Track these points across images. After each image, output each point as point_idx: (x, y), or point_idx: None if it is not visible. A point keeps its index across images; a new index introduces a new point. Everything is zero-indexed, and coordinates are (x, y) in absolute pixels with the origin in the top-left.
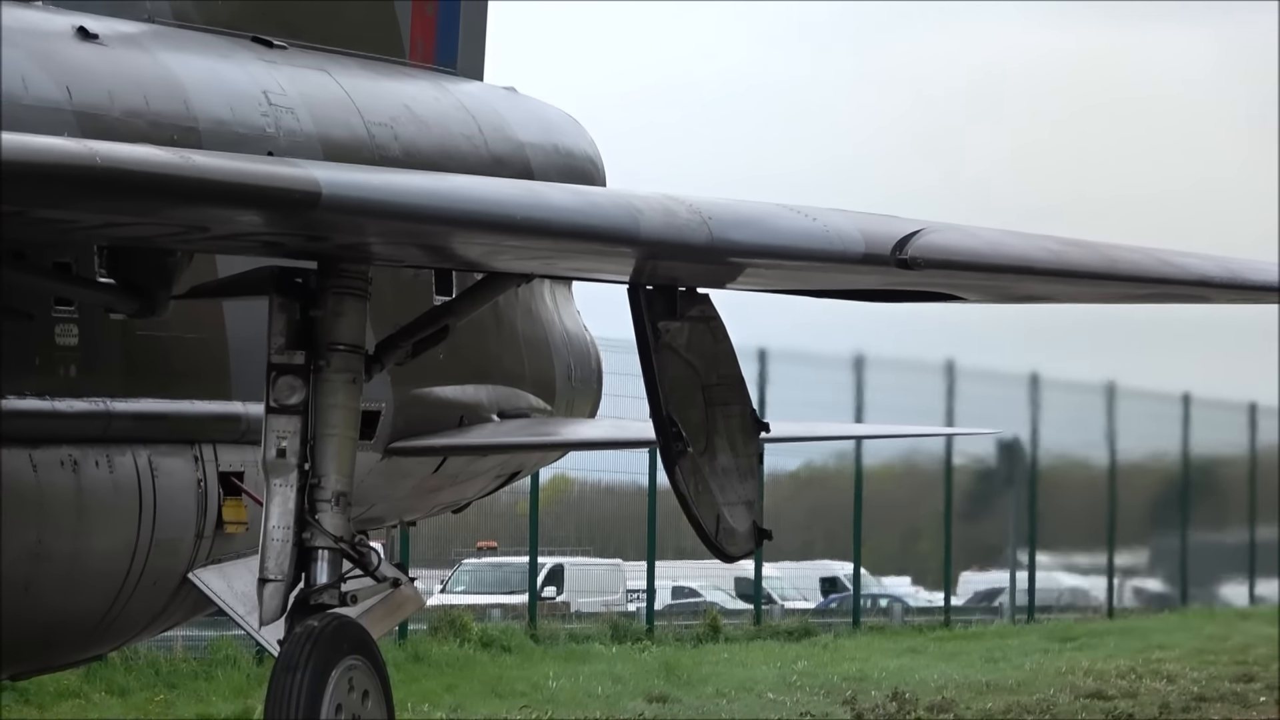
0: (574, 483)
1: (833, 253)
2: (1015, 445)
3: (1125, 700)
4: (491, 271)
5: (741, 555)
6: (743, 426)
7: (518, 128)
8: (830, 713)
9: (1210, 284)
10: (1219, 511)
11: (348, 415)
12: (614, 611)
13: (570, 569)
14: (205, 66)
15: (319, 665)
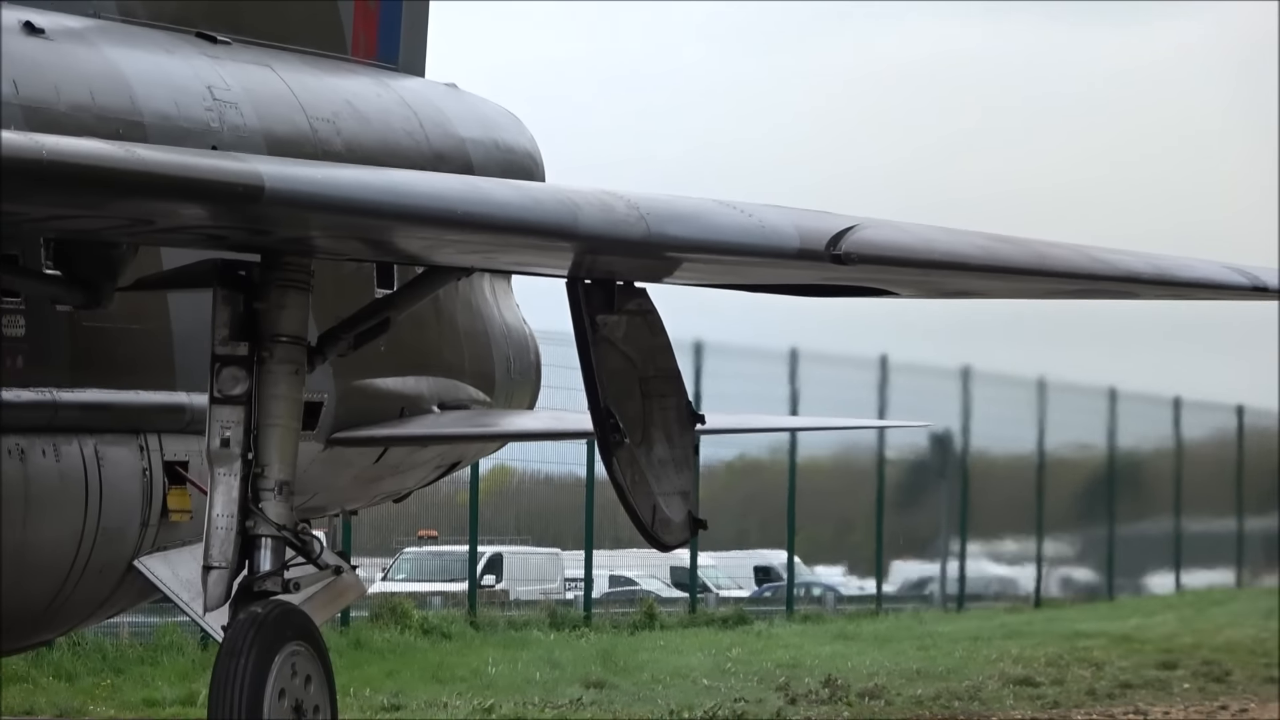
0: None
1: (768, 248)
2: (946, 438)
3: (1053, 687)
4: (432, 265)
5: (677, 544)
6: (678, 418)
7: (459, 124)
8: (764, 699)
9: (1139, 280)
10: (1145, 503)
11: (290, 406)
12: (552, 599)
13: (509, 558)
14: (150, 61)
15: (263, 651)
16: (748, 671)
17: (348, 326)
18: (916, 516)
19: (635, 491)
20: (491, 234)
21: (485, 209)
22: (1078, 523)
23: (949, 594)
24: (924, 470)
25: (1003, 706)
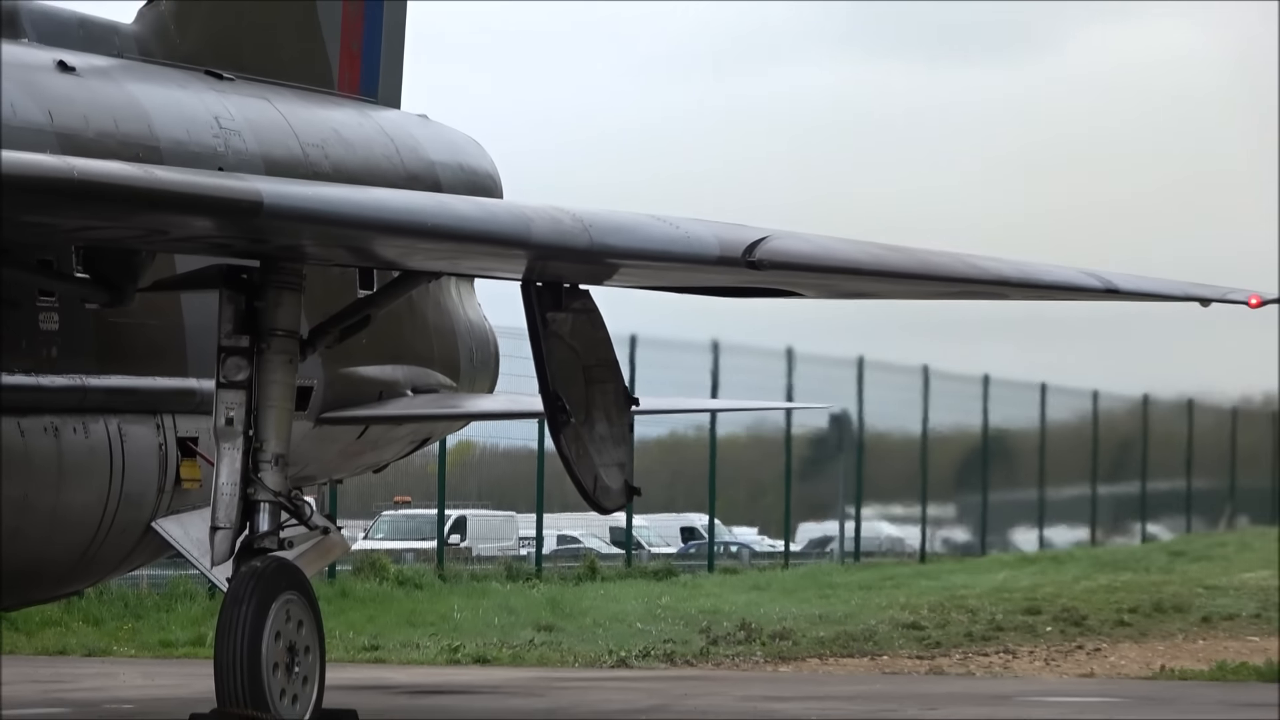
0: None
1: (692, 255)
2: (844, 418)
3: (936, 630)
4: (406, 269)
5: (615, 509)
6: (616, 401)
7: (429, 149)
8: (689, 640)
9: (1007, 283)
10: (1013, 474)
11: (285, 390)
12: (508, 555)
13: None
14: (165, 95)
15: (261, 599)
16: (675, 617)
17: (334, 322)
18: (819, 485)
19: (579, 463)
20: (456, 243)
21: (451, 221)
22: (956, 490)
23: (847, 551)
24: (825, 445)
25: (893, 647)
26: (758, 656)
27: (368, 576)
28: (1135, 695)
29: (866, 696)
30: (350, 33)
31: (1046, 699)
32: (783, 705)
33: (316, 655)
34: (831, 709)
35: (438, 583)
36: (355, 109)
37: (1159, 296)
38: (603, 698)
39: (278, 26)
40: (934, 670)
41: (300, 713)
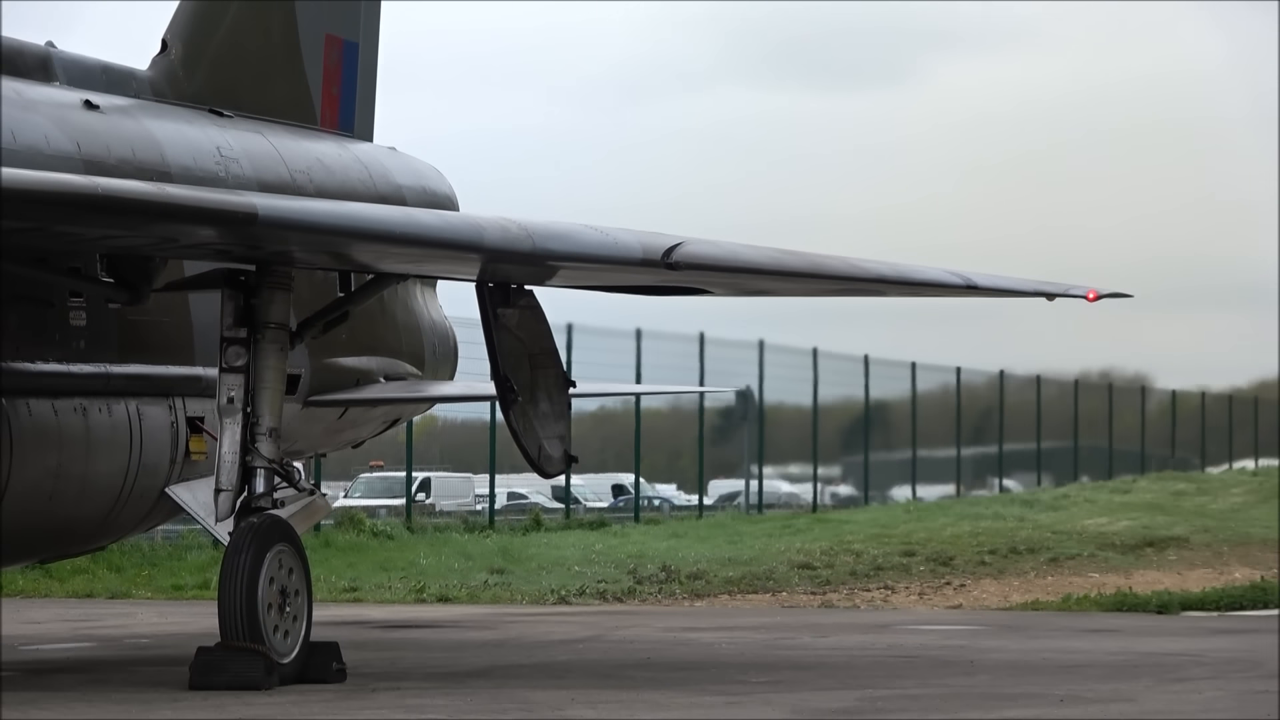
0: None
1: (619, 258)
2: (748, 393)
3: (826, 570)
4: (378, 272)
5: (557, 473)
6: (556, 383)
7: (397, 175)
8: (619, 580)
9: (885, 281)
10: (890, 438)
11: (278, 374)
12: (466, 511)
13: (435, 480)
14: (175, 129)
15: (258, 550)
16: (607, 561)
17: (318, 317)
18: (727, 449)
19: (526, 435)
20: (420, 248)
21: (415, 230)
22: (842, 453)
23: (751, 504)
24: (732, 416)
25: (790, 585)
26: (677, 594)
27: (347, 529)
28: (995, 623)
29: (768, 627)
30: (330, 78)
31: (920, 627)
32: (698, 635)
33: (305, 597)
34: (739, 637)
35: (406, 534)
36: (335, 142)
37: (1012, 292)
38: (546, 630)
39: (270, 72)
40: (825, 604)
41: (291, 645)
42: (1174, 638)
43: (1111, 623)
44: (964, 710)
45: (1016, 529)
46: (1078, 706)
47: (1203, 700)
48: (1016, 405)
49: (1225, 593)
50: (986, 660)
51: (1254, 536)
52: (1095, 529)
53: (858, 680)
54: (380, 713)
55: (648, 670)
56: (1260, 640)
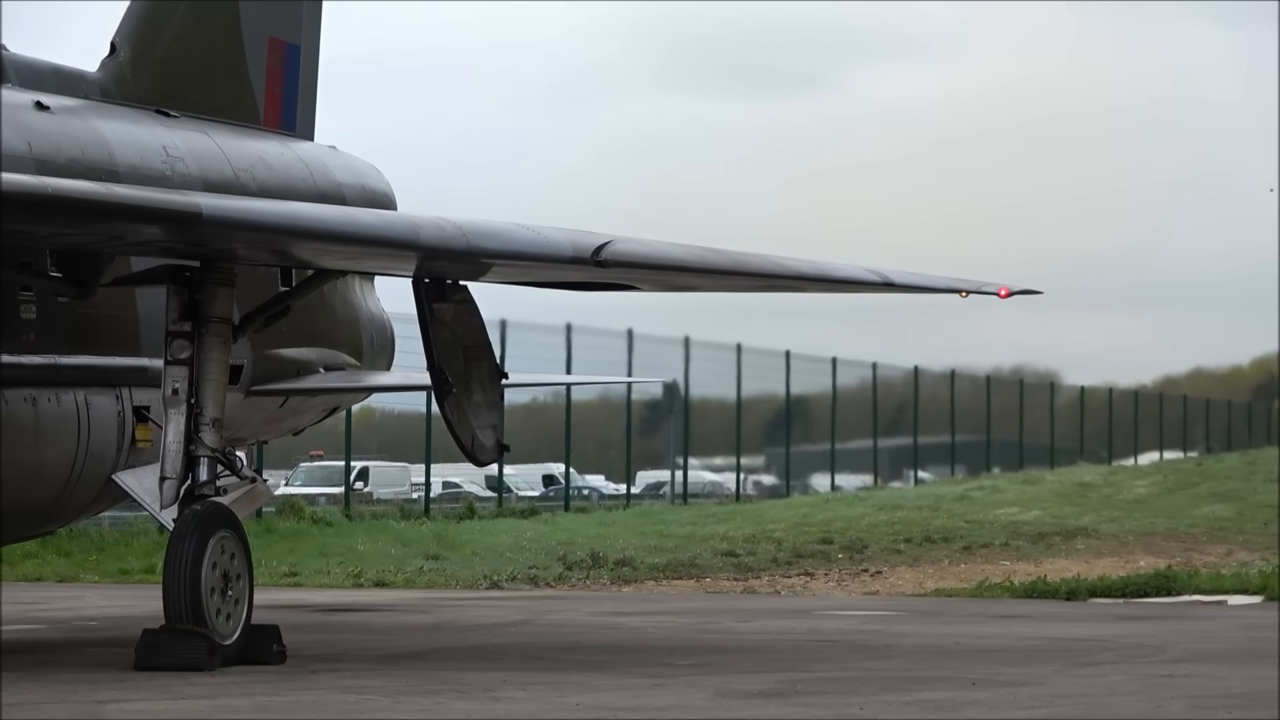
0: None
1: (550, 256)
2: (674, 386)
3: (748, 557)
4: (318, 268)
5: (489, 462)
6: (489, 375)
7: (337, 173)
8: (549, 566)
9: (805, 278)
10: (810, 430)
11: (221, 367)
12: (402, 499)
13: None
14: (123, 129)
15: (201, 535)
16: (538, 548)
17: (260, 311)
18: (654, 440)
19: (460, 425)
20: (358, 246)
21: (354, 229)
22: (764, 444)
23: (677, 493)
24: (659, 409)
25: (714, 571)
26: (605, 580)
27: (288, 516)
28: (910, 609)
29: (693, 611)
30: (273, 79)
31: (839, 612)
32: (625, 619)
33: (246, 581)
34: (665, 621)
35: (345, 521)
36: (277, 141)
37: (926, 289)
38: (479, 613)
39: (214, 74)
40: (747, 590)
41: (233, 628)
42: (1082, 623)
43: (1022, 609)
44: (880, 693)
45: (931, 518)
46: (989, 689)
47: (1108, 684)
48: (931, 400)
49: (1131, 581)
50: (902, 644)
51: (1158, 527)
52: (1006, 519)
53: (779, 663)
54: (319, 693)
55: (577, 653)
56: (1163, 626)
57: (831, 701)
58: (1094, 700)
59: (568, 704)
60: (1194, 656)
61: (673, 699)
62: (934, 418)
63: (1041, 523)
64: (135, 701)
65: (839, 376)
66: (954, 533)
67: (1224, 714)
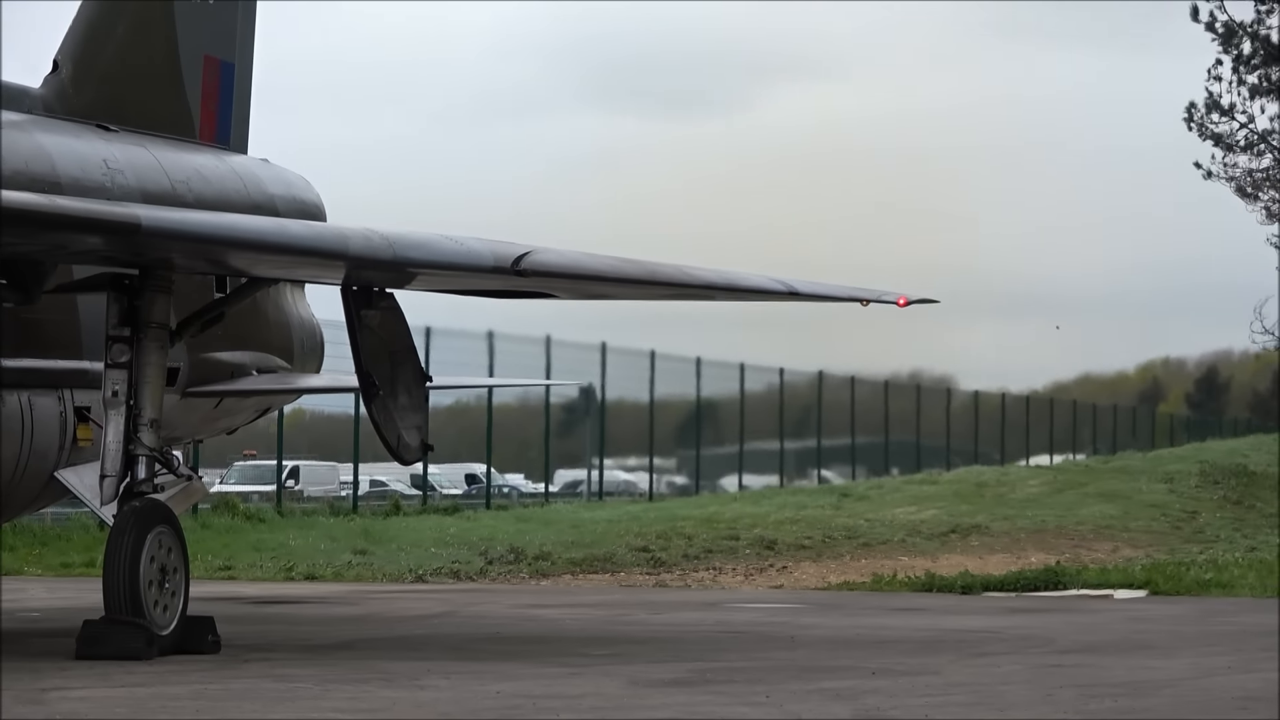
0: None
1: (472, 265)
2: (590, 390)
3: (661, 552)
4: (252, 276)
5: (414, 461)
6: (415, 378)
7: (269, 185)
8: (471, 561)
9: (714, 288)
10: (720, 432)
11: (159, 370)
12: (331, 496)
13: (304, 468)
14: (65, 143)
15: (139, 530)
16: (461, 543)
17: (196, 317)
18: (571, 441)
19: (386, 426)
20: (290, 256)
21: (285, 239)
22: (676, 446)
23: (593, 491)
24: (576, 411)
25: (628, 565)
26: (524, 574)
27: (222, 513)
28: (814, 602)
29: (608, 604)
30: (209, 95)
31: (746, 605)
32: (544, 611)
33: (183, 574)
34: (582, 613)
35: (277, 517)
36: (213, 154)
37: (829, 297)
38: (405, 606)
39: (152, 90)
40: (659, 584)
41: (170, 619)
42: (976, 616)
43: (919, 602)
44: (786, 681)
45: (833, 516)
46: (888, 678)
47: (1001, 673)
48: (833, 403)
49: (1022, 575)
50: (806, 636)
51: (1048, 525)
52: (905, 517)
53: (689, 653)
54: (252, 681)
55: (497, 643)
56: (1052, 618)
57: (739, 690)
58: (987, 688)
59: (488, 691)
60: (1082, 647)
61: (589, 687)
62: (836, 421)
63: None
64: (77, 689)
65: (747, 382)
66: (855, 530)
67: (1110, 701)
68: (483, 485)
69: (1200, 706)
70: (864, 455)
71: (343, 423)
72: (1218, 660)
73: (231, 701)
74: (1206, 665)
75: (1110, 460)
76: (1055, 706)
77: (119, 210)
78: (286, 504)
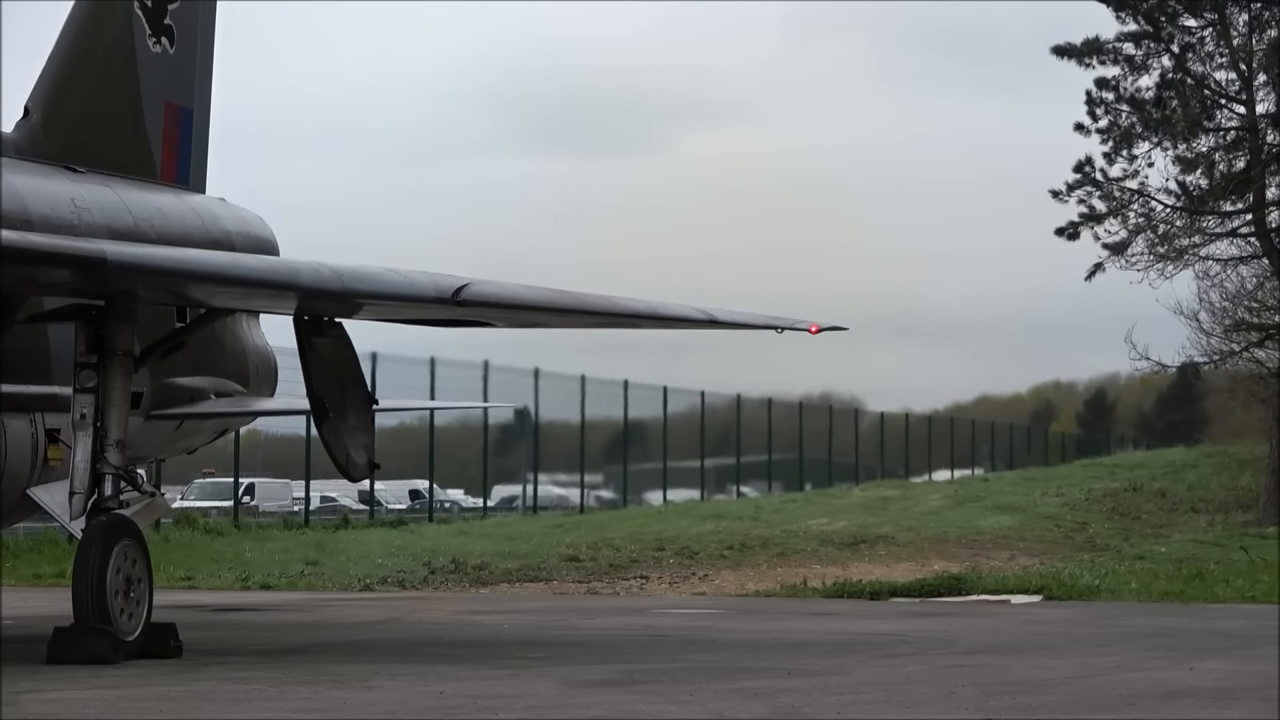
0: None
1: (415, 296)
2: (525, 412)
3: (590, 562)
4: (210, 307)
5: (362, 478)
6: (362, 402)
7: (226, 223)
8: (415, 571)
9: (639, 316)
10: (645, 450)
11: (124, 394)
12: (285, 511)
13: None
14: (35, 183)
15: (106, 544)
16: (405, 555)
17: (159, 345)
18: (508, 459)
19: (336, 446)
20: (245, 288)
21: (241, 273)
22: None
23: (528, 506)
24: (512, 431)
25: (560, 575)
26: (465, 582)
27: (183, 527)
28: (734, 608)
29: (543, 610)
30: (169, 139)
31: (670, 611)
32: (483, 617)
33: (147, 584)
34: (518, 619)
35: (234, 531)
36: (173, 194)
37: (747, 325)
38: (354, 612)
39: (117, 135)
40: (590, 591)
41: (135, 626)
42: (884, 620)
43: (831, 607)
44: (708, 681)
45: (751, 528)
46: (803, 678)
47: (908, 673)
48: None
49: (925, 582)
50: (727, 639)
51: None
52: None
53: (619, 655)
54: (211, 683)
55: (440, 647)
56: (955, 622)
57: (665, 689)
58: (895, 687)
59: (432, 692)
60: (982, 649)
61: (525, 687)
62: (754, 440)
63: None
64: (48, 691)
65: (670, 403)
66: (771, 540)
67: (1008, 698)
68: (425, 500)
69: (1092, 703)
70: (779, 471)
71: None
72: (1108, 660)
73: (193, 702)
74: (1097, 665)
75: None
76: (958, 703)
77: (86, 246)
78: (243, 518)
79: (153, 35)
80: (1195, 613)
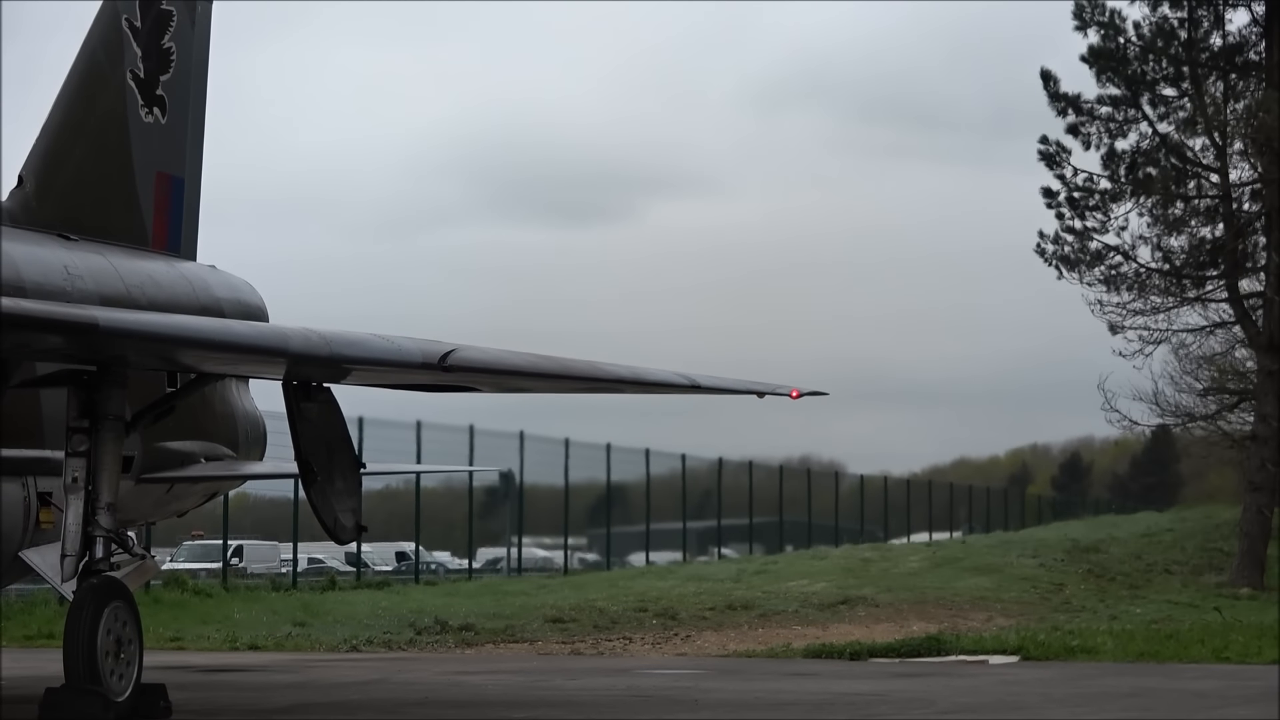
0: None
1: (402, 362)
2: (510, 475)
3: (573, 624)
4: (200, 372)
5: (349, 540)
6: (349, 465)
7: (216, 289)
8: (401, 632)
9: (623, 381)
10: (628, 513)
11: (115, 458)
12: (273, 573)
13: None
14: (29, 250)
15: (97, 605)
16: (392, 615)
17: (149, 409)
18: (492, 521)
19: (323, 508)
20: (234, 353)
21: (231, 338)
22: (588, 525)
23: (513, 568)
24: (497, 494)
25: (545, 635)
26: (450, 643)
27: (173, 588)
28: (715, 668)
29: (527, 670)
30: (160, 207)
31: (653, 671)
32: (469, 677)
33: (137, 645)
34: (503, 679)
35: (223, 592)
36: (164, 261)
37: (728, 390)
38: (340, 673)
39: (109, 203)
40: (574, 651)
41: (125, 686)
42: (863, 680)
43: (812, 667)
44: None
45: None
46: None
47: None
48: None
49: (905, 643)
50: (709, 699)
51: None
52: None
53: (602, 715)
54: None
55: (426, 708)
56: (933, 682)
57: None
58: None
59: None
60: (960, 709)
61: None
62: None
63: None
64: None
65: (652, 467)
66: (753, 601)
67: None
68: (411, 562)
69: None
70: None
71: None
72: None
73: None
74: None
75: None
76: None
77: (78, 312)
78: (231, 580)
79: (145, 105)
80: (1170, 673)
